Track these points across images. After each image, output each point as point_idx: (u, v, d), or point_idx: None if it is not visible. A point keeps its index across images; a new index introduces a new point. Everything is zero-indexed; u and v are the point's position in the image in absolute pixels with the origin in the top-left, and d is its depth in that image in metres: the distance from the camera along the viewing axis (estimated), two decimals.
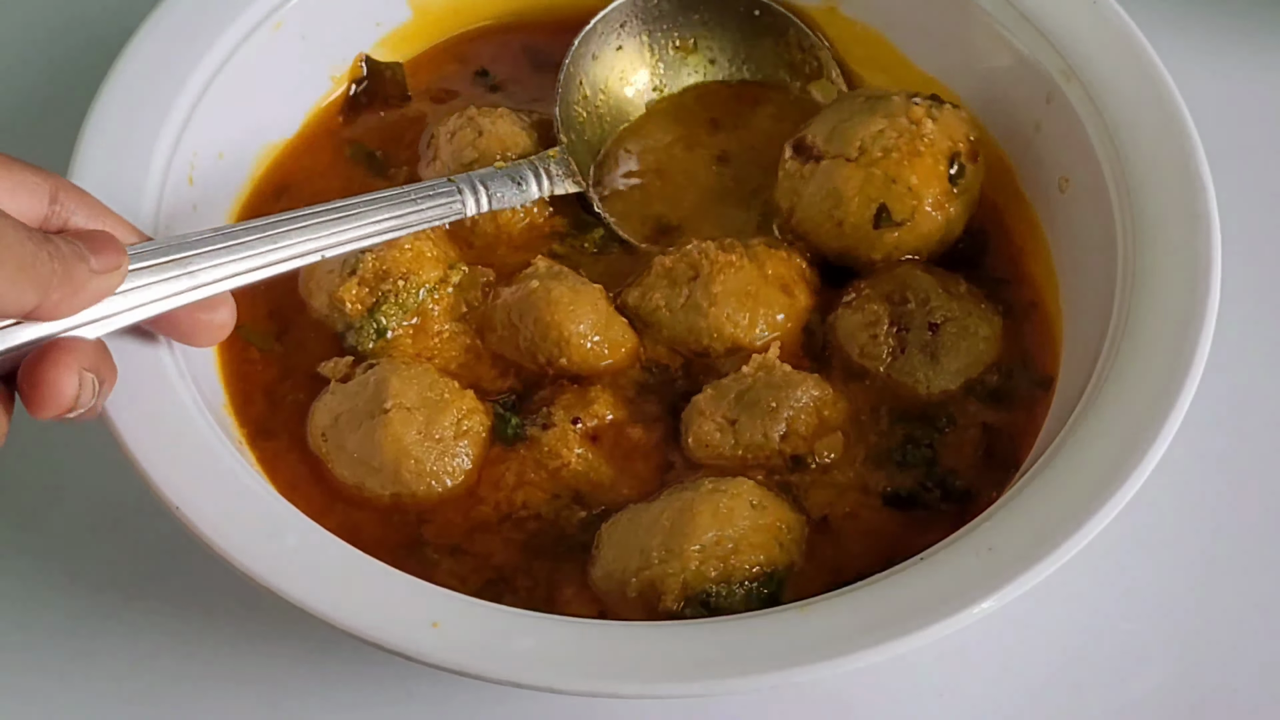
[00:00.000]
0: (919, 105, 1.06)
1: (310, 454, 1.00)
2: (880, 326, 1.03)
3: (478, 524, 0.99)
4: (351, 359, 1.03)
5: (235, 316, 0.95)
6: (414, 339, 1.04)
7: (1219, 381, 1.01)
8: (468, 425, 1.00)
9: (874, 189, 1.05)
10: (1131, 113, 1.03)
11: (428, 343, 1.04)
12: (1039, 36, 1.07)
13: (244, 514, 0.90)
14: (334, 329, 1.05)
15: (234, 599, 1.00)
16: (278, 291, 1.06)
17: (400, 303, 1.03)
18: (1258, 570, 1.04)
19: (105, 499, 1.05)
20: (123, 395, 0.92)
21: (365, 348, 1.04)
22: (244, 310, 0.97)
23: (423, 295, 1.04)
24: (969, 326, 1.03)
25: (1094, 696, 0.99)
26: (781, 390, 1.00)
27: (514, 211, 1.08)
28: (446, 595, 0.88)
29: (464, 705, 0.98)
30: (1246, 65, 1.26)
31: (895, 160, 1.04)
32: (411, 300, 1.04)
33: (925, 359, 1.02)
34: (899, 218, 1.05)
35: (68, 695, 0.99)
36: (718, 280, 1.04)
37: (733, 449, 1.00)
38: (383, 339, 1.04)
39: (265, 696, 0.99)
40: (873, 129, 1.05)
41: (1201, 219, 0.98)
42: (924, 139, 1.05)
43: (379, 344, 1.04)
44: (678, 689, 0.85)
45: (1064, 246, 1.06)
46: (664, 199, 1.13)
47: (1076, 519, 0.88)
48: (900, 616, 0.85)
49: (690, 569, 0.92)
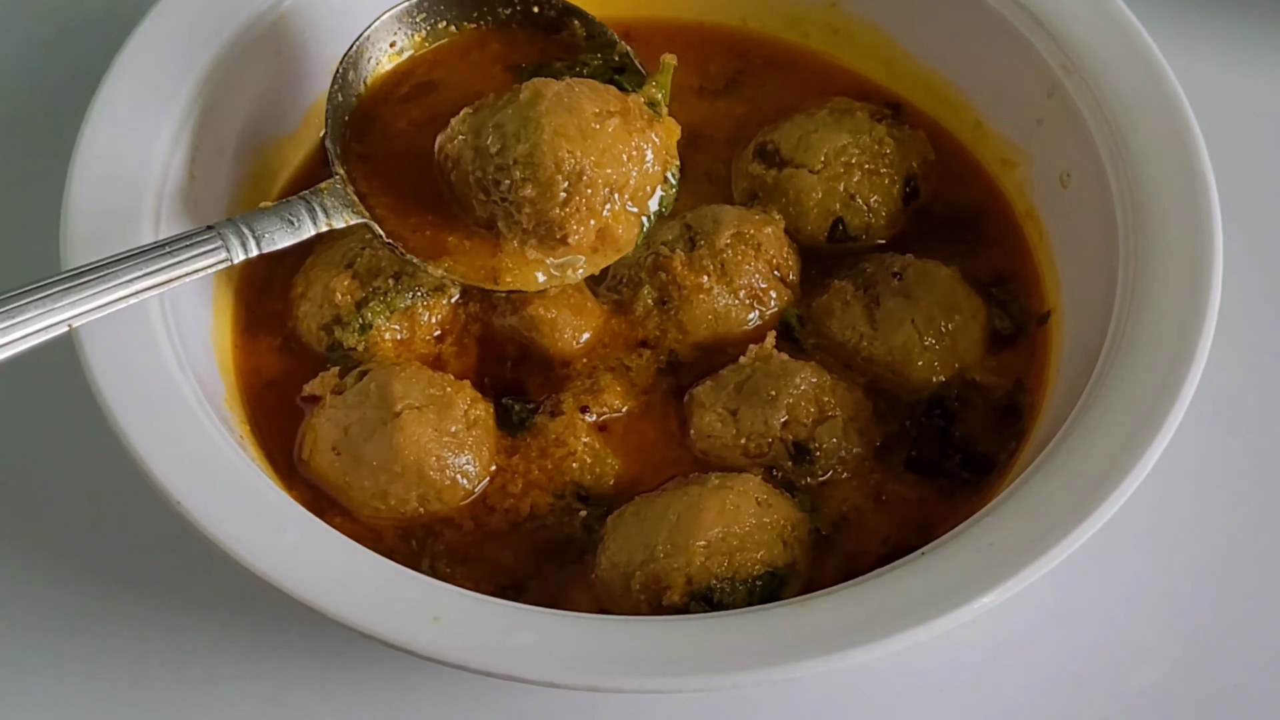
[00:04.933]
0: (881, 124, 1.10)
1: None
2: (847, 293, 1.05)
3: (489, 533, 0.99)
4: (338, 371, 1.02)
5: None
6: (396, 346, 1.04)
7: (1220, 377, 1.01)
8: (475, 415, 1.00)
9: (833, 203, 1.08)
10: (1133, 107, 1.03)
11: (416, 350, 1.04)
12: (1041, 30, 1.07)
13: (245, 509, 0.90)
14: (322, 321, 1.04)
15: (235, 594, 1.00)
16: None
17: (388, 302, 1.03)
18: (1258, 565, 1.04)
19: (105, 495, 1.05)
20: (123, 390, 0.92)
21: (349, 343, 1.03)
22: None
23: (411, 299, 1.04)
24: (927, 269, 1.06)
25: (1094, 691, 0.99)
26: (780, 379, 1.00)
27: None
28: (447, 590, 0.88)
29: (465, 700, 0.98)
30: (1248, 60, 1.26)
31: (856, 177, 1.08)
32: (400, 302, 1.03)
33: (901, 301, 1.04)
34: (854, 233, 1.09)
35: (69, 692, 0.99)
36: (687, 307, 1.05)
37: (735, 438, 1.00)
38: (366, 334, 1.03)
39: (266, 692, 0.99)
40: (837, 143, 1.09)
41: (1203, 213, 0.98)
42: (885, 158, 1.09)
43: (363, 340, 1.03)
44: (678, 684, 0.85)
45: (1065, 241, 1.06)
46: None
47: (1077, 514, 0.88)
48: (901, 611, 0.85)
49: (695, 564, 0.92)
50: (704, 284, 1.05)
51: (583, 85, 0.98)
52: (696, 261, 1.05)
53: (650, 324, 1.05)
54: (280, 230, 0.96)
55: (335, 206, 0.99)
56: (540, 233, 0.98)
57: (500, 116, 0.96)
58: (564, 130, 0.95)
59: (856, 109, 1.12)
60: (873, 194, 1.09)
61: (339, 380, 1.02)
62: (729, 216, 1.07)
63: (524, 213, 0.97)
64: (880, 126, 1.10)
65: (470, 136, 0.97)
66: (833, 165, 1.09)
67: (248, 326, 1.06)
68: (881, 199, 1.09)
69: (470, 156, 0.97)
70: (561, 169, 0.95)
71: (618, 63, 1.06)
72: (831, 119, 1.11)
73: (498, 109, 0.97)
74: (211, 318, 1.03)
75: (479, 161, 0.96)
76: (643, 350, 1.05)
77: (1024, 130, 1.10)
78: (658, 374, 1.05)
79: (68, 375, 0.97)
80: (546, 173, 0.95)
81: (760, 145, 1.12)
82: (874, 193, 1.09)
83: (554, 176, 0.95)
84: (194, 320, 1.01)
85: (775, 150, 1.10)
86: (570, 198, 0.96)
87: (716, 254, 1.05)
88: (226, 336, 1.04)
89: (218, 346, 1.03)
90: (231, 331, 1.05)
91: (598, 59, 1.06)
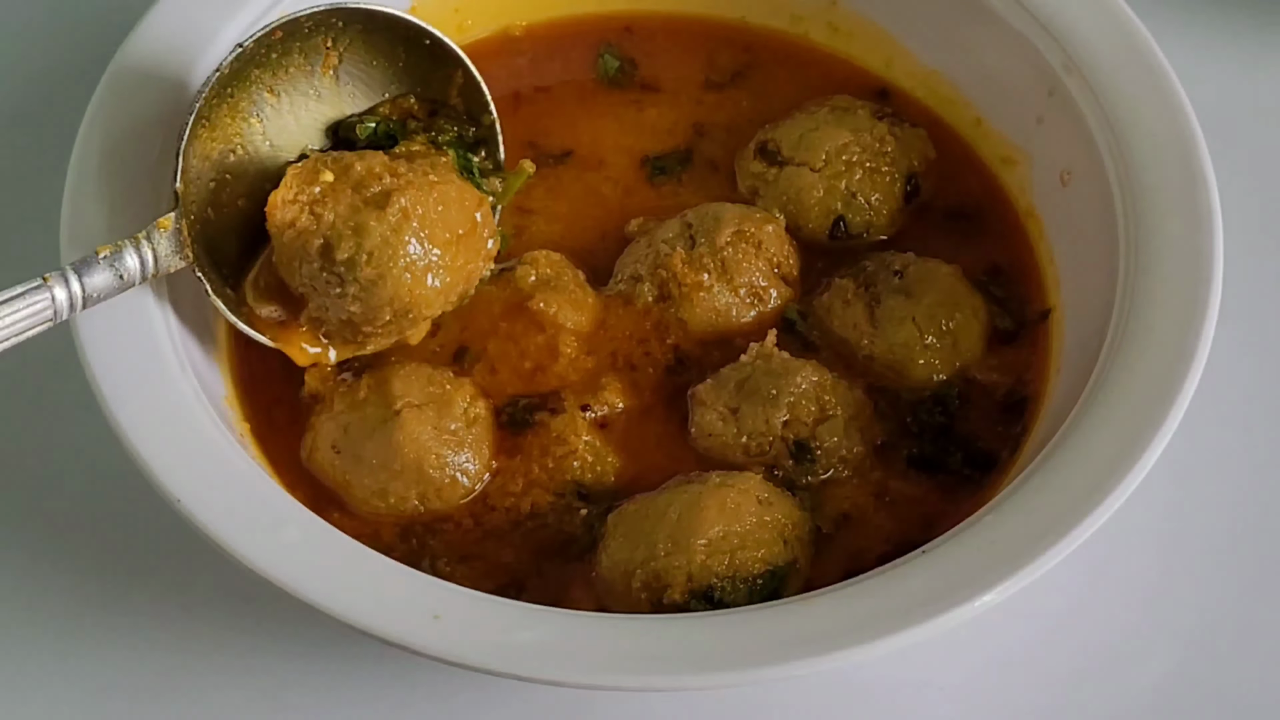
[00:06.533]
0: (883, 122, 1.10)
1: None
2: (848, 291, 1.05)
3: (489, 531, 0.99)
4: (334, 368, 1.02)
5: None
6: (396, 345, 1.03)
7: (1220, 375, 1.01)
8: (475, 412, 1.00)
9: (834, 201, 1.08)
10: (1134, 106, 1.03)
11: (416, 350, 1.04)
12: (1041, 29, 1.07)
13: (245, 507, 0.90)
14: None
15: (235, 592, 1.00)
16: None
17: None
18: (1259, 564, 1.04)
19: (105, 492, 1.05)
20: (123, 387, 0.92)
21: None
22: None
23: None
24: (928, 267, 1.06)
25: (1094, 691, 0.99)
26: (781, 378, 1.00)
27: None
28: (447, 588, 0.88)
29: (464, 699, 0.98)
30: (1249, 59, 1.26)
31: (858, 176, 1.08)
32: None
33: (902, 299, 1.04)
34: (855, 231, 1.08)
35: (68, 688, 0.99)
36: (687, 306, 1.05)
37: (735, 437, 1.00)
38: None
39: (266, 691, 0.99)
40: (838, 141, 1.09)
41: (1203, 212, 0.98)
42: (886, 156, 1.09)
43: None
44: (678, 682, 0.85)
45: (1066, 239, 1.06)
46: None
47: (1078, 513, 0.88)
48: (901, 610, 0.85)
49: (696, 563, 0.92)
50: (704, 282, 1.05)
51: (445, 199, 0.97)
52: (697, 260, 1.05)
53: (650, 322, 1.05)
54: (107, 281, 0.93)
55: (167, 252, 0.96)
56: (341, 334, 1.00)
57: (360, 220, 0.95)
58: (413, 266, 0.95)
59: (858, 107, 1.12)
60: (874, 192, 1.09)
61: (339, 379, 1.02)
62: (729, 215, 1.07)
63: (339, 317, 0.98)
64: (881, 124, 1.11)
65: (320, 222, 0.96)
66: (834, 163, 1.09)
67: None
68: (882, 197, 1.09)
69: (317, 246, 0.96)
70: (394, 305, 0.97)
71: (478, 135, 1.05)
72: (832, 117, 1.11)
73: (360, 209, 0.95)
74: (212, 315, 1.03)
75: (323, 257, 0.96)
76: (643, 348, 1.05)
77: (1024, 129, 1.10)
78: (658, 372, 1.04)
79: (67, 374, 0.97)
80: (379, 302, 0.96)
81: (761, 144, 1.12)
82: (875, 191, 1.09)
83: (383, 308, 0.97)
84: (194, 318, 1.01)
85: (776, 149, 1.10)
86: (389, 324, 0.98)
87: (717, 252, 1.05)
88: (226, 333, 1.04)
89: (218, 344, 1.03)
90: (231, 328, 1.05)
91: (453, 131, 1.04)
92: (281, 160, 1.02)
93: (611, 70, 1.18)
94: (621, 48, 1.19)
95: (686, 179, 1.13)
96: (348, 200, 0.96)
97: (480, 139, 1.05)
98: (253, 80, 1.01)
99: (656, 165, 1.14)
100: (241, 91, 1.00)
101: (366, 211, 0.95)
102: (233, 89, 1.00)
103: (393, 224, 0.95)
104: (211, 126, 0.99)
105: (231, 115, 1.00)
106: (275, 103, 1.02)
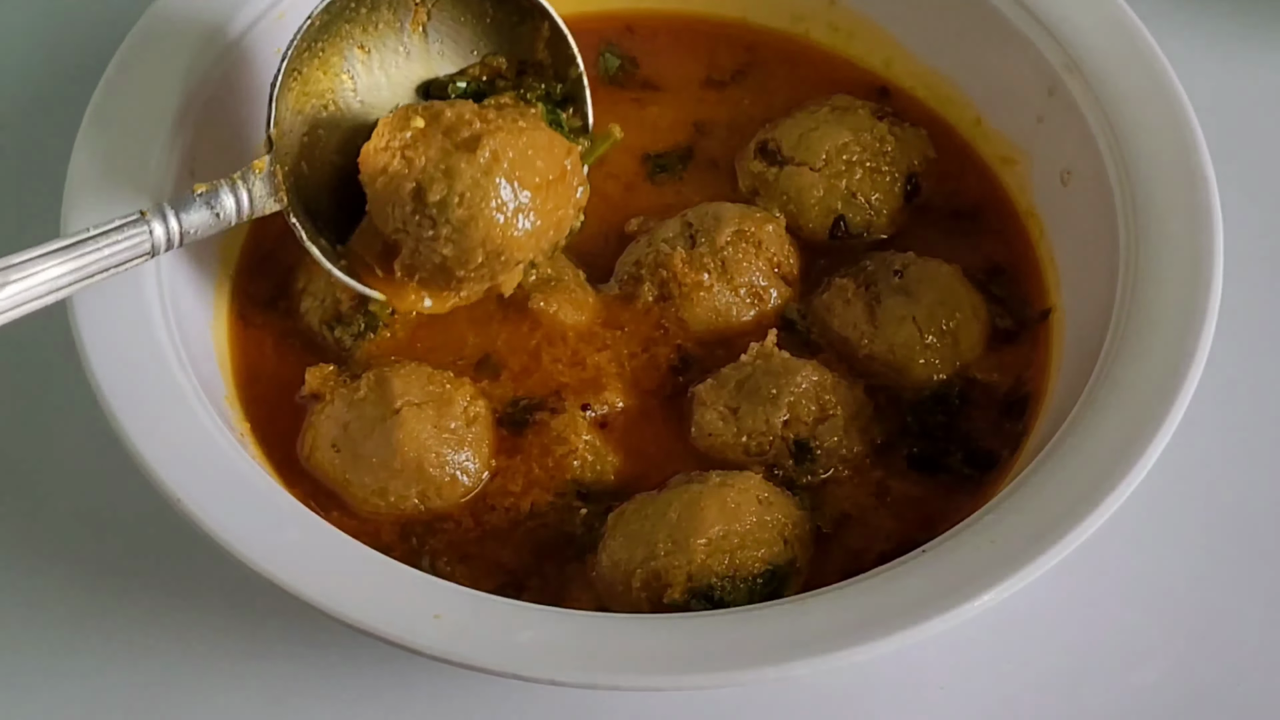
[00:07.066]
0: (883, 122, 1.10)
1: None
2: (848, 291, 1.05)
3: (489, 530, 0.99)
4: (335, 368, 1.02)
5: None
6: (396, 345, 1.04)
7: (1221, 374, 1.01)
8: (475, 411, 1.00)
9: (834, 200, 1.08)
10: (1134, 105, 1.03)
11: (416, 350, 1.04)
12: (1041, 29, 1.07)
13: (245, 506, 0.90)
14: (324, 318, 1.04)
15: (235, 592, 1.00)
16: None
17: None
18: (1259, 563, 1.04)
19: (105, 491, 1.05)
20: (123, 387, 0.92)
21: (350, 341, 1.03)
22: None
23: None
24: (928, 267, 1.06)
25: (1095, 689, 0.99)
26: (781, 377, 1.00)
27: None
28: (448, 587, 0.88)
29: (464, 698, 0.98)
30: (1249, 58, 1.26)
31: (858, 175, 1.08)
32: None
33: (902, 299, 1.04)
34: (855, 231, 1.09)
35: (68, 689, 0.99)
36: (688, 305, 1.05)
37: (736, 437, 1.00)
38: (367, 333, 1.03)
39: (266, 690, 0.99)
40: (839, 141, 1.09)
41: (1203, 211, 0.98)
42: (886, 156, 1.09)
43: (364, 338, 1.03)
44: (678, 681, 0.85)
45: (1066, 239, 1.07)
46: None
47: (1078, 512, 0.88)
48: (901, 610, 0.85)
49: (696, 562, 0.92)
50: (704, 281, 1.05)
51: (535, 144, 0.97)
52: (697, 259, 1.05)
53: (651, 321, 1.05)
54: (203, 218, 0.95)
55: (261, 194, 0.97)
56: (435, 280, 0.99)
57: (452, 162, 0.95)
58: (504, 208, 0.95)
59: (858, 106, 1.12)
60: (874, 191, 1.09)
61: (339, 378, 1.02)
62: (729, 214, 1.07)
63: (432, 261, 0.97)
64: (881, 124, 1.11)
65: (412, 166, 0.96)
66: (834, 163, 1.09)
67: (248, 322, 1.06)
68: (883, 196, 1.09)
69: (409, 189, 0.96)
70: (486, 246, 0.96)
71: (565, 90, 1.05)
72: (833, 116, 1.11)
73: (451, 153, 0.96)
74: (211, 314, 1.03)
75: (415, 200, 0.96)
76: (643, 348, 1.05)
77: (1025, 128, 1.10)
78: (658, 372, 1.05)
79: (67, 373, 0.97)
80: (471, 244, 0.96)
81: (761, 143, 1.12)
82: (875, 190, 1.09)
83: (476, 249, 0.96)
84: (194, 317, 1.01)
85: (776, 148, 1.11)
86: (480, 267, 0.98)
87: (717, 252, 1.05)
88: (226, 332, 1.04)
89: (217, 343, 1.03)
90: (231, 327, 1.05)
91: (541, 88, 1.04)
92: (373, 118, 1.02)
93: (612, 69, 1.18)
94: (622, 46, 1.19)
95: (687, 177, 1.13)
96: (438, 144, 0.96)
97: (568, 95, 1.05)
98: (343, 35, 1.02)
99: (657, 163, 1.14)
100: (331, 46, 1.01)
101: (457, 155, 0.95)
102: (323, 43, 1.01)
103: (483, 166, 0.95)
104: (304, 80, 1.00)
105: (323, 69, 1.01)
106: (365, 59, 1.03)
